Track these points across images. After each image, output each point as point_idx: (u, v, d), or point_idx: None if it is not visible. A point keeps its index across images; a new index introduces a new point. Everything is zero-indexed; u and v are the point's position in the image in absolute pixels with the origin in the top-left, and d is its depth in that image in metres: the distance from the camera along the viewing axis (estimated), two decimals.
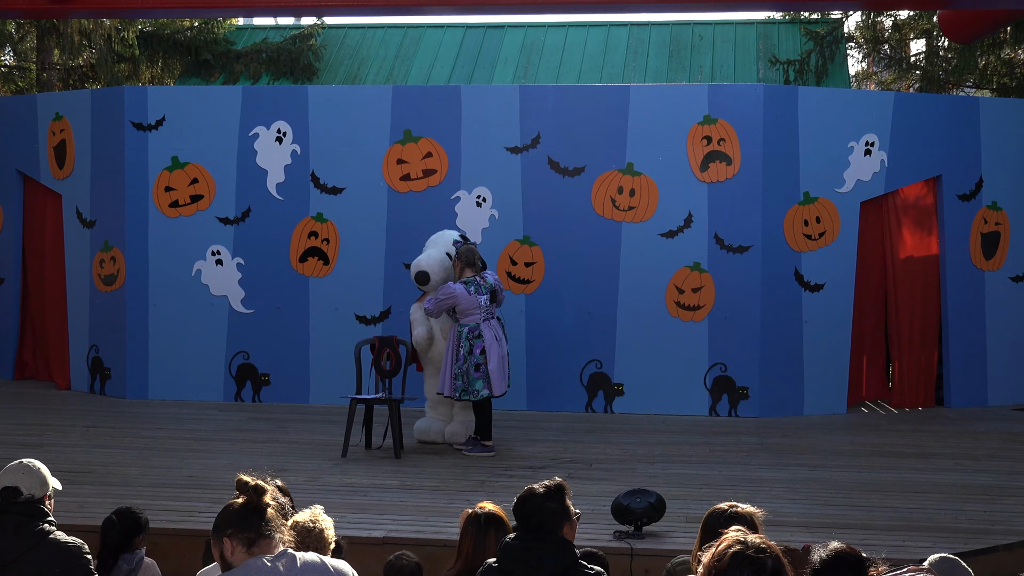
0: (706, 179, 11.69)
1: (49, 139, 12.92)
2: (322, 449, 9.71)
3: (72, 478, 7.73)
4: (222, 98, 12.41)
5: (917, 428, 11.17)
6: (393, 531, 7.08)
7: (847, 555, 3.66)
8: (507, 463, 9.30)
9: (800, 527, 7.12)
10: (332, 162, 12.10)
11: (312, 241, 12.14)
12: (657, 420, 11.42)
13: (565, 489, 4.26)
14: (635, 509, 6.98)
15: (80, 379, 12.81)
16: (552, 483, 4.23)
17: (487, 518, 4.52)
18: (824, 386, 11.82)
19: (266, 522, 3.65)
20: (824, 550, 3.69)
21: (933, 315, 12.36)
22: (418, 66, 17.49)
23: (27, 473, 4.95)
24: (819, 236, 11.76)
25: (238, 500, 3.69)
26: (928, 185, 12.32)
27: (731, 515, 4.07)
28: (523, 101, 11.95)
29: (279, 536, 3.67)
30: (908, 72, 19.02)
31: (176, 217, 12.23)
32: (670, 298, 11.74)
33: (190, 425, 10.84)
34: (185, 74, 18.37)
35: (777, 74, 16.53)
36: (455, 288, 9.53)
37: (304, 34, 18.19)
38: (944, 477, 8.90)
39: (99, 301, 12.52)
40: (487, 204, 11.94)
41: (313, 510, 4.28)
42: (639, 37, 17.68)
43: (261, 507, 3.67)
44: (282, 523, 3.74)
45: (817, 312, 11.77)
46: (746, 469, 9.16)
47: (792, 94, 11.91)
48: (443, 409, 10.15)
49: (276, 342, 12.17)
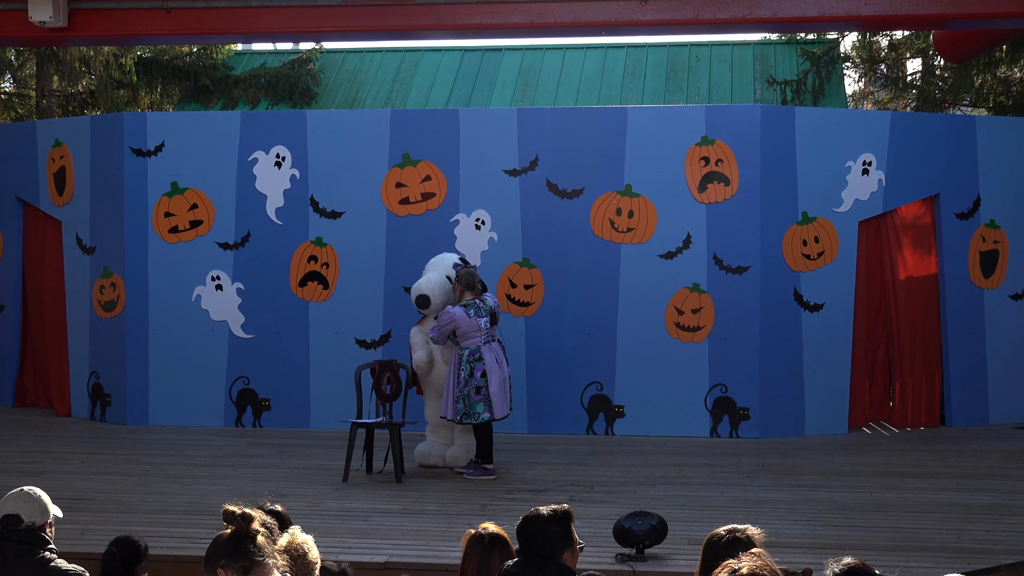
0: (704, 200, 11.71)
1: (49, 166, 12.95)
2: (323, 474, 9.70)
3: (73, 505, 7.71)
4: (221, 123, 12.44)
5: (918, 447, 11.16)
6: (395, 556, 7.07)
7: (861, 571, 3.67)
8: (508, 486, 9.28)
9: (802, 548, 7.10)
10: (331, 186, 12.13)
11: (312, 265, 12.15)
12: (658, 442, 11.41)
13: (571, 516, 4.25)
14: (637, 532, 6.97)
15: (80, 406, 12.80)
16: (560, 508, 4.23)
17: (491, 539, 4.50)
18: (825, 406, 11.81)
19: (258, 548, 3.64)
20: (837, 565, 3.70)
21: (933, 334, 12.36)
22: (416, 89, 17.55)
23: (28, 501, 4.94)
24: (818, 256, 11.77)
25: (227, 530, 3.68)
26: (926, 204, 12.34)
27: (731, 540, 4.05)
28: (521, 124, 11.99)
29: (271, 561, 3.66)
30: (905, 91, 19.07)
31: (176, 242, 12.24)
32: (670, 319, 11.75)
33: (190, 451, 10.82)
34: (184, 100, 18.42)
35: (774, 94, 16.58)
36: (455, 312, 9.54)
37: (302, 59, 18.26)
38: (946, 496, 8.88)
39: (99, 327, 12.52)
40: (486, 227, 11.96)
41: (292, 532, 4.24)
42: (636, 59, 17.74)
43: (251, 534, 3.65)
44: (274, 548, 3.73)
45: (817, 332, 11.77)
46: (747, 490, 9.14)
47: (789, 114, 11.95)
48: (444, 432, 10.14)
49: (276, 367, 12.16)
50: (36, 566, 4.76)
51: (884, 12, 10.31)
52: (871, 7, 10.29)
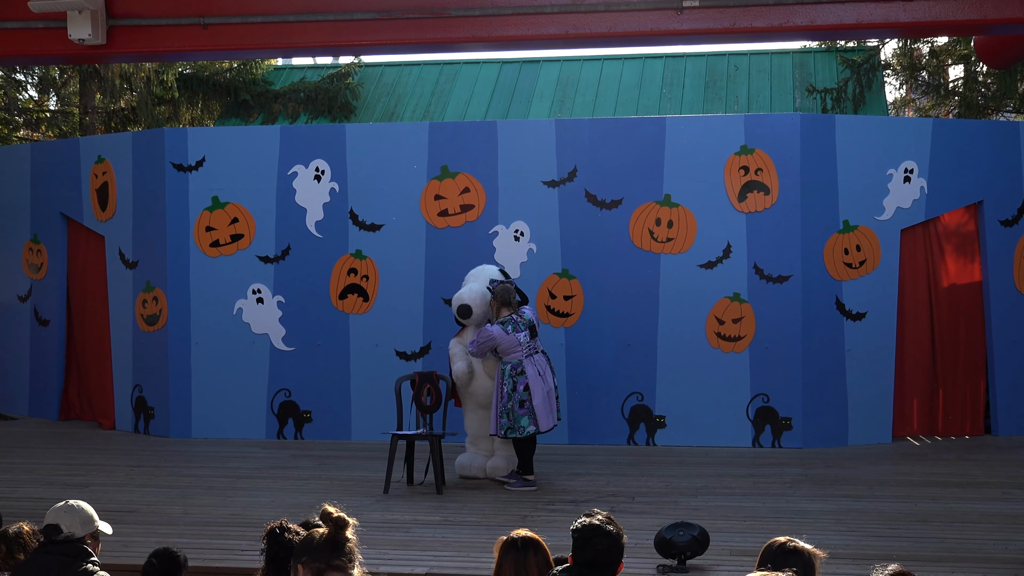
0: (744, 209, 11.66)
1: (92, 182, 13.09)
2: (364, 485, 9.72)
3: (117, 517, 7.75)
4: (261, 138, 12.53)
5: (963, 457, 11.03)
6: (435, 567, 7.06)
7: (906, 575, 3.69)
8: (549, 497, 9.26)
9: (846, 559, 7.03)
10: (370, 199, 12.17)
11: (352, 278, 12.20)
12: (700, 452, 11.35)
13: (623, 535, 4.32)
14: (678, 542, 6.93)
15: (124, 419, 12.90)
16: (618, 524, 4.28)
17: (524, 542, 4.50)
18: (868, 416, 11.70)
19: (342, 555, 3.67)
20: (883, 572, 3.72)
21: (978, 342, 12.23)
22: (454, 102, 17.60)
23: (69, 512, 4.98)
24: (860, 264, 11.68)
25: (321, 529, 3.72)
26: (969, 211, 12.22)
27: (788, 550, 4.00)
28: (559, 135, 11.99)
29: (353, 572, 3.68)
30: (947, 98, 18.92)
31: (217, 256, 12.32)
32: (710, 329, 11.69)
33: (233, 463, 10.88)
34: (224, 115, 18.58)
35: (814, 103, 16.49)
36: (492, 330, 9.54)
37: (341, 73, 18.37)
38: (992, 506, 8.77)
39: (142, 341, 12.62)
40: (525, 238, 11.96)
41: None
42: (674, 69, 17.71)
43: (340, 540, 3.69)
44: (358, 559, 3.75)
45: (860, 341, 11.67)
46: (790, 501, 9.07)
47: (829, 122, 11.87)
48: (484, 444, 10.13)
49: (317, 379, 12.22)
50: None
51: (923, 18, 10.19)
52: (909, 14, 10.18)
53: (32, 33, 10.69)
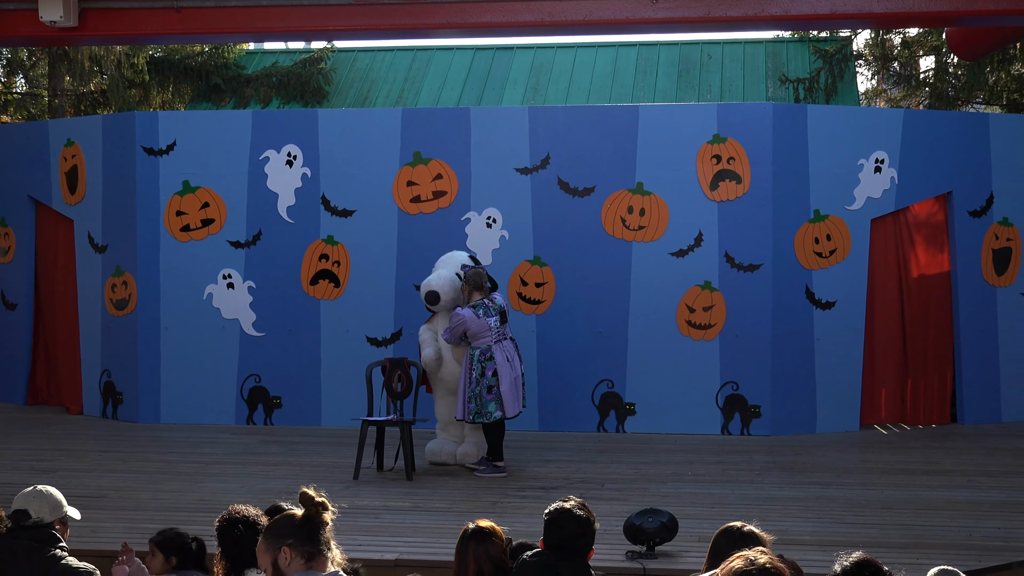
0: (716, 198, 11.69)
1: (61, 165, 12.99)
2: (334, 471, 9.71)
3: (85, 503, 7.71)
4: (232, 122, 12.46)
5: (930, 445, 11.13)
6: (405, 553, 7.07)
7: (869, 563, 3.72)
8: (519, 484, 9.28)
9: (812, 546, 7.09)
10: (342, 185, 12.14)
11: (323, 264, 12.17)
12: (669, 439, 11.40)
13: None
14: (647, 529, 6.96)
15: (92, 404, 12.83)
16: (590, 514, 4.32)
17: (471, 532, 4.59)
18: (837, 404, 11.78)
19: (325, 541, 3.66)
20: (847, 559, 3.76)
21: (946, 332, 12.32)
22: (428, 88, 17.55)
23: (37, 498, 4.97)
24: (830, 254, 11.75)
25: (297, 512, 3.69)
26: (939, 202, 12.30)
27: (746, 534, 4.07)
28: (532, 122, 11.98)
29: (330, 556, 3.67)
30: (918, 89, 19.02)
31: (187, 241, 12.27)
32: (681, 317, 11.73)
33: (202, 449, 10.85)
34: (196, 99, 18.47)
35: (786, 92, 16.54)
36: (464, 313, 9.54)
37: (314, 58, 18.28)
38: (958, 494, 8.86)
39: (111, 326, 12.55)
40: (497, 225, 11.96)
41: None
42: (648, 57, 17.72)
43: (322, 524, 3.67)
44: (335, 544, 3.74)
45: (829, 330, 11.74)
46: (758, 488, 9.12)
47: (801, 112, 11.92)
48: (454, 430, 10.14)
49: (287, 365, 12.18)
50: (46, 564, 4.78)
51: (897, 9, 10.26)
52: (883, 4, 10.24)
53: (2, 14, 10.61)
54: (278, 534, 3.64)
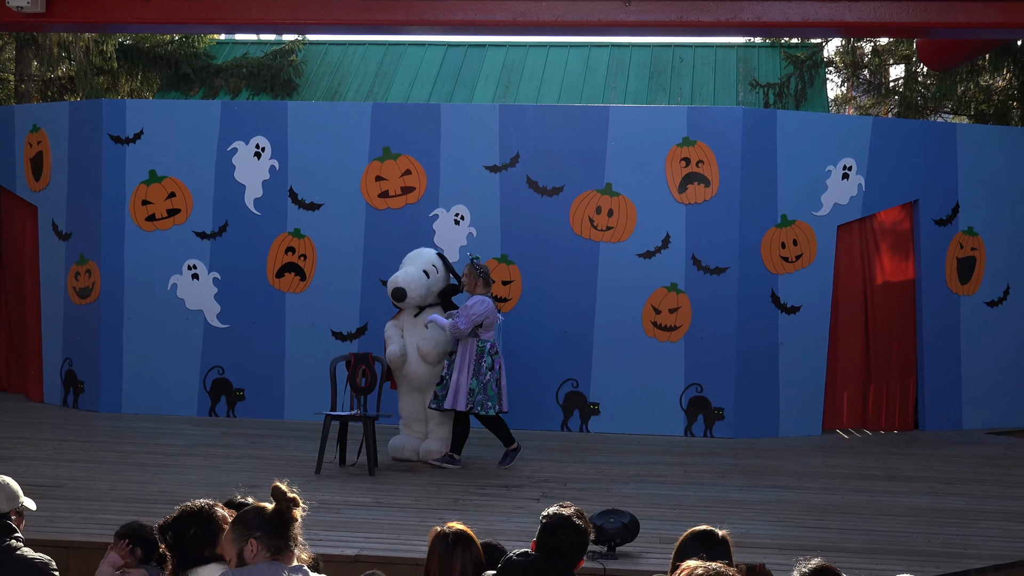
0: (684, 200, 11.72)
1: (26, 151, 12.86)
2: (295, 465, 9.65)
3: (42, 492, 7.66)
4: (201, 112, 12.38)
5: (891, 451, 11.20)
6: (366, 548, 7.04)
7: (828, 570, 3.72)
8: (482, 481, 9.26)
9: (772, 549, 7.11)
10: (310, 178, 12.08)
11: (289, 257, 12.11)
12: (632, 440, 11.42)
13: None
14: (609, 529, 6.96)
15: (53, 392, 12.72)
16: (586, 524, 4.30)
17: (455, 537, 4.47)
18: (799, 408, 11.84)
19: (293, 537, 3.63)
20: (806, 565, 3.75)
21: (909, 339, 12.41)
22: (398, 83, 17.50)
23: None
24: (796, 259, 11.80)
25: (268, 506, 3.66)
26: (905, 210, 12.39)
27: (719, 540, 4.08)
28: (503, 120, 11.97)
29: (296, 552, 3.65)
30: (887, 97, 19.15)
31: (152, 231, 12.17)
32: (647, 318, 11.75)
33: (163, 440, 10.77)
34: (164, 88, 18.33)
35: (757, 97, 16.60)
36: (489, 302, 9.56)
37: (285, 50, 18.18)
38: (917, 500, 8.91)
39: (74, 314, 12.44)
40: (465, 222, 11.94)
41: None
42: (619, 58, 17.74)
43: (292, 519, 3.65)
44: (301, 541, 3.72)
45: (793, 334, 11.80)
46: (720, 490, 9.15)
47: (771, 117, 11.97)
48: (418, 426, 10.12)
49: (251, 357, 12.12)
50: (1, 554, 4.73)
51: (868, 19, 10.31)
52: (855, 14, 10.29)
53: None
54: (247, 526, 3.61)
